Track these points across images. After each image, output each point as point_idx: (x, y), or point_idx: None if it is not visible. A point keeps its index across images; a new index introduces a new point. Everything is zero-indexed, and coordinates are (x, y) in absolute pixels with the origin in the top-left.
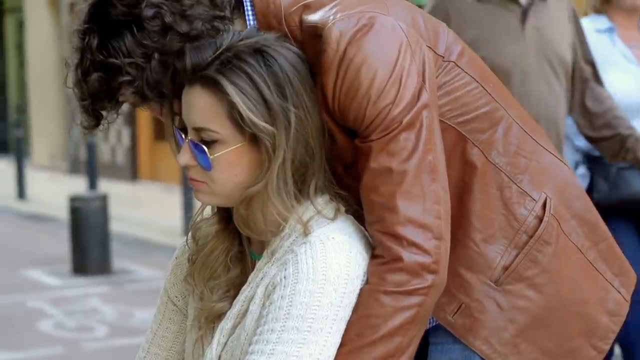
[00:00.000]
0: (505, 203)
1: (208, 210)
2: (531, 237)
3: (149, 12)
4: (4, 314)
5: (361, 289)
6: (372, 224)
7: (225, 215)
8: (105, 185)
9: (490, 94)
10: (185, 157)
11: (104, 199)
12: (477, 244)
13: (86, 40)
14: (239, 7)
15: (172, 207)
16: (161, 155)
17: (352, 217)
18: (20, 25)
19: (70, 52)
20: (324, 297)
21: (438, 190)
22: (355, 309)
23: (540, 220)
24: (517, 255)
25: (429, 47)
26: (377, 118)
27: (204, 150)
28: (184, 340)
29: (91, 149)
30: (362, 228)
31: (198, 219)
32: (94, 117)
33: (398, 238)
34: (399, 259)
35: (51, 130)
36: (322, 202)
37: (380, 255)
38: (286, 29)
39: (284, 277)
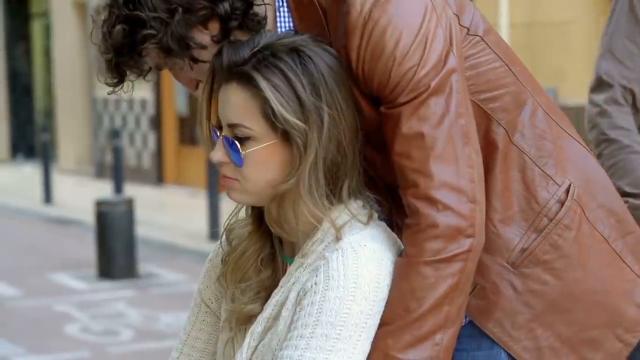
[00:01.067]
0: (526, 185)
1: (242, 213)
2: (551, 220)
3: None
4: (30, 317)
5: (400, 262)
6: (406, 189)
7: (258, 217)
8: (131, 189)
9: (515, 75)
10: (219, 153)
11: (129, 203)
12: (495, 225)
13: None
14: None
15: (198, 211)
16: (187, 160)
17: (384, 223)
18: (47, 30)
19: (98, 10)
20: (354, 305)
21: (471, 153)
22: (397, 283)
23: (562, 204)
24: (535, 239)
25: (455, 14)
26: (403, 79)
27: (237, 146)
28: (217, 342)
29: (117, 153)
30: (394, 235)
31: (232, 221)
32: (117, 73)
33: (433, 202)
34: (435, 225)
35: (78, 134)
36: (356, 207)
37: (415, 223)
38: None
39: (315, 284)
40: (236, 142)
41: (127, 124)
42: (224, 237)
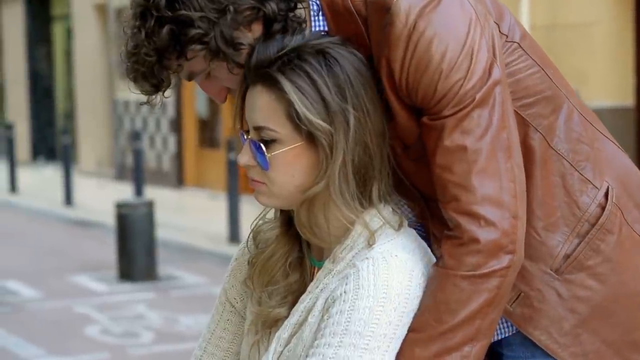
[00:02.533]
0: (567, 191)
1: (270, 215)
2: (593, 225)
3: None
4: (51, 319)
5: (437, 272)
6: (447, 203)
7: (286, 219)
8: (151, 192)
9: (551, 79)
10: (245, 157)
11: (150, 205)
12: (538, 232)
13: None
14: None
15: (218, 214)
16: (207, 162)
17: (414, 231)
18: (69, 32)
19: (123, 22)
20: (384, 315)
21: (513, 168)
22: (432, 293)
23: (603, 208)
24: (578, 244)
25: (495, 23)
26: (450, 93)
27: (262, 149)
28: (241, 342)
29: (138, 155)
30: (425, 244)
31: (260, 222)
32: (155, 77)
33: (475, 217)
34: (476, 240)
35: (98, 136)
36: (387, 213)
37: (455, 236)
38: (350, 4)
39: (344, 292)
40: (262, 145)
41: (148, 126)
42: (250, 238)
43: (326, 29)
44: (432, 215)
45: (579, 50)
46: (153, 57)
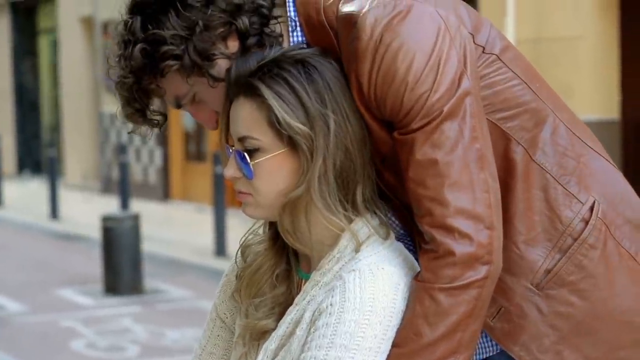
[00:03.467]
0: (549, 204)
1: (260, 230)
2: (576, 240)
3: None
4: (36, 333)
5: (415, 286)
6: (422, 217)
7: (274, 233)
8: (137, 205)
9: (535, 92)
10: (231, 169)
11: (136, 218)
12: (518, 246)
13: (129, 25)
14: None
15: (204, 227)
16: (193, 175)
17: (401, 244)
18: (54, 45)
19: (112, 51)
20: (369, 329)
21: (487, 178)
22: (410, 307)
23: (587, 223)
24: (560, 259)
25: (470, 34)
26: (416, 105)
27: (246, 158)
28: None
29: (124, 168)
30: (411, 257)
31: (249, 237)
32: (138, 101)
33: (449, 230)
34: (451, 252)
35: (84, 149)
36: (375, 224)
37: (431, 249)
38: (324, 20)
39: (331, 305)
40: (246, 154)
41: (134, 139)
42: (239, 253)
43: (304, 42)
44: (417, 228)
45: (565, 64)
46: (130, 78)
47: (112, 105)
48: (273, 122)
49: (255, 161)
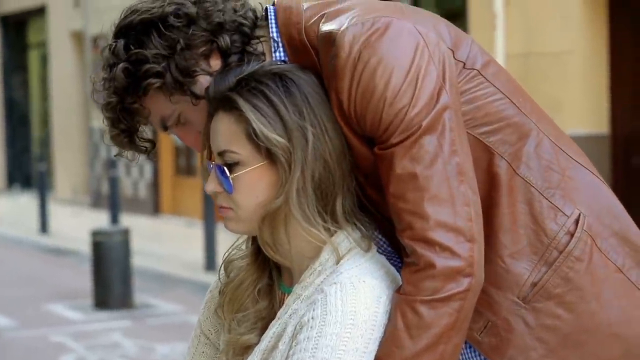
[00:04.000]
0: (534, 218)
1: (243, 246)
2: (561, 252)
3: (170, 8)
4: (26, 348)
5: (396, 298)
6: (403, 231)
7: (256, 248)
8: (127, 219)
9: (517, 107)
10: (212, 184)
11: (125, 233)
12: (504, 260)
13: (112, 49)
14: (264, 16)
15: (194, 242)
16: (183, 190)
17: (384, 257)
18: (44, 60)
19: (97, 75)
20: (351, 342)
21: (467, 191)
22: (393, 320)
23: (572, 235)
24: (546, 272)
25: (450, 49)
26: (395, 120)
27: (226, 172)
28: None
29: (113, 183)
30: (394, 271)
31: (232, 253)
32: (123, 121)
33: (430, 243)
34: (432, 265)
35: (74, 164)
36: (357, 237)
37: (412, 262)
38: (305, 40)
39: (312, 318)
40: (225, 168)
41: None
42: (222, 269)
43: (286, 61)
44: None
45: (554, 79)
46: (114, 98)
47: (102, 119)
48: (251, 135)
49: (235, 174)
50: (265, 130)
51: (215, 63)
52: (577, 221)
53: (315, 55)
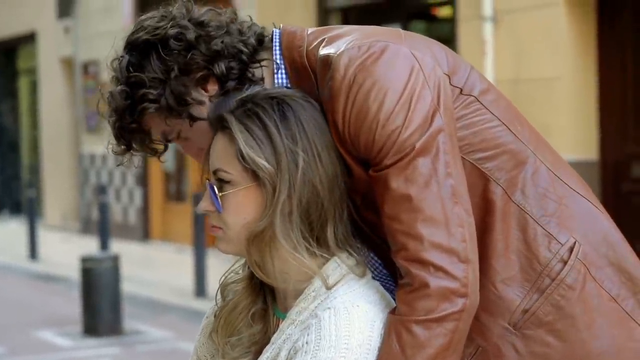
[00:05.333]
0: (528, 245)
1: (239, 270)
2: (554, 280)
3: (172, 31)
4: None
5: (390, 319)
6: (397, 252)
7: (251, 272)
8: (117, 245)
9: (514, 134)
10: (204, 203)
11: (115, 259)
12: (496, 286)
13: (119, 63)
14: (270, 39)
15: (184, 268)
16: (173, 216)
17: (378, 282)
18: (34, 86)
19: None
20: None
21: (461, 213)
22: (387, 341)
23: (565, 263)
24: (537, 299)
25: (447, 75)
26: (387, 142)
27: (215, 190)
28: None
29: (103, 209)
30: (388, 296)
31: (228, 277)
32: (122, 138)
33: (424, 264)
34: (426, 285)
35: (64, 190)
36: (351, 264)
37: (407, 283)
38: (306, 63)
39: (306, 343)
40: (215, 187)
41: (114, 180)
42: (219, 292)
43: (287, 84)
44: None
45: (543, 104)
46: (113, 117)
47: (92, 145)
48: (239, 155)
49: (223, 193)
50: (252, 153)
51: (213, 88)
52: (571, 249)
53: (314, 79)
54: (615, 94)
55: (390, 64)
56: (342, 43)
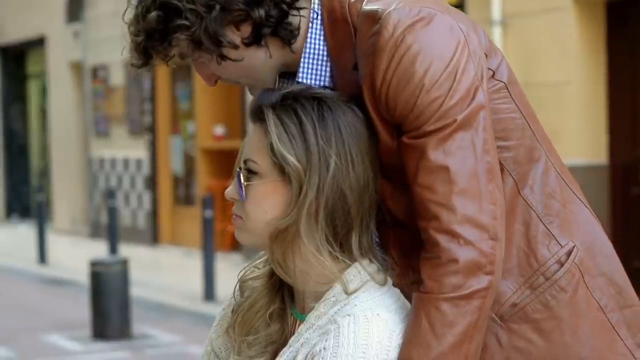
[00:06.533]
0: (528, 240)
1: (259, 266)
2: (548, 279)
3: None
4: None
5: (418, 297)
6: (427, 221)
7: (270, 270)
8: (126, 249)
9: (532, 131)
10: (231, 190)
11: (124, 263)
12: None
13: None
14: None
15: (193, 272)
16: (182, 220)
17: (398, 290)
18: (44, 90)
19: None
20: None
21: (494, 191)
22: (415, 319)
23: (562, 265)
24: (528, 296)
25: (485, 54)
26: (430, 108)
27: (242, 179)
28: None
29: (112, 213)
30: (407, 303)
31: (248, 271)
32: (143, 55)
33: (454, 236)
34: (455, 260)
35: (73, 194)
36: (373, 271)
37: (435, 256)
38: (347, 14)
39: (324, 349)
40: (242, 176)
41: (122, 184)
42: (237, 287)
43: (322, 34)
44: (397, 242)
45: (552, 108)
46: (140, 36)
47: (101, 150)
48: (270, 149)
49: (248, 183)
50: (282, 148)
51: (246, 30)
52: (569, 253)
53: (352, 33)
54: (624, 98)
55: (439, 33)
56: (392, 2)
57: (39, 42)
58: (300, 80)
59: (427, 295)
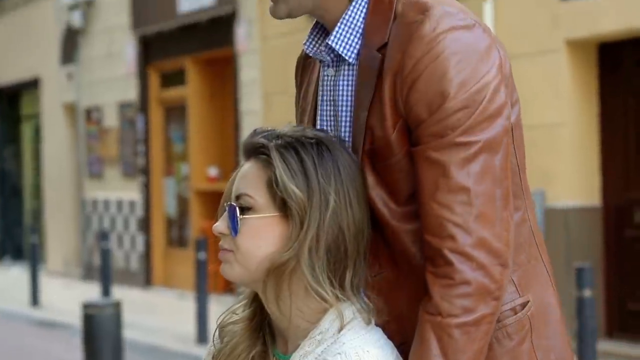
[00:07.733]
0: None
1: (237, 311)
2: (498, 322)
3: None
4: None
5: (430, 320)
6: (442, 240)
7: (251, 314)
8: (119, 291)
9: (520, 180)
10: (222, 224)
11: (117, 306)
12: None
13: None
14: None
15: (186, 314)
16: (175, 262)
17: (381, 329)
18: (37, 132)
19: None
20: None
21: (508, 218)
22: (424, 345)
23: (515, 314)
24: None
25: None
26: (455, 116)
27: (235, 213)
28: None
29: (105, 255)
30: (390, 342)
31: (227, 317)
32: None
33: (469, 259)
34: (468, 282)
35: (66, 236)
36: (360, 307)
37: (448, 276)
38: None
39: None
40: (237, 210)
41: (116, 225)
42: (216, 333)
43: (365, 9)
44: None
45: (546, 150)
46: None
47: (94, 191)
48: (271, 182)
49: (243, 216)
50: (286, 180)
51: None
52: (524, 305)
53: (392, 18)
54: (617, 139)
55: (480, 45)
56: (442, 0)
57: (33, 84)
58: (329, 42)
59: (438, 320)
